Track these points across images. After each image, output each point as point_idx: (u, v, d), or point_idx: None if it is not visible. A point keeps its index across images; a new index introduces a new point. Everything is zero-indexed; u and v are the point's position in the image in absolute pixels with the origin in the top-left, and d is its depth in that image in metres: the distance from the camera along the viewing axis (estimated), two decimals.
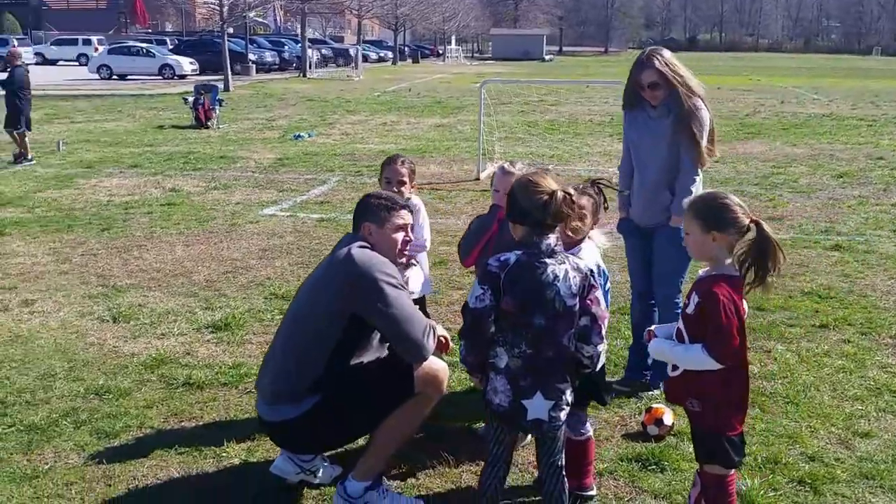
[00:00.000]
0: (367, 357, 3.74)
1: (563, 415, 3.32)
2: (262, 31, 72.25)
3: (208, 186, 12.64)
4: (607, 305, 3.92)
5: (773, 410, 5.00)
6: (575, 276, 3.23)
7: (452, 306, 6.83)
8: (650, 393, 5.21)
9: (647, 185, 5.10)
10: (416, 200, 4.88)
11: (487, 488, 3.42)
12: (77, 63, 51.95)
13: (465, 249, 4.40)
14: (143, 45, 46.22)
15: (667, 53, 4.95)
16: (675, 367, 3.36)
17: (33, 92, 15.33)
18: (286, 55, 52.71)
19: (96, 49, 49.53)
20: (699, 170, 4.95)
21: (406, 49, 77.34)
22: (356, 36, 68.27)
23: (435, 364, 3.68)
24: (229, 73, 34.41)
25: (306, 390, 3.60)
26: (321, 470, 3.98)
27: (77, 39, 56.20)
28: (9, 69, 14.78)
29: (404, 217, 3.84)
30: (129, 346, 5.91)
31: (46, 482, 4.00)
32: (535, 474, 3.85)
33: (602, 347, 3.34)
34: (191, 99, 21.70)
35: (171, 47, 49.08)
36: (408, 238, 3.88)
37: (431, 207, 10.26)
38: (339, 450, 4.13)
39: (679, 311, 5.08)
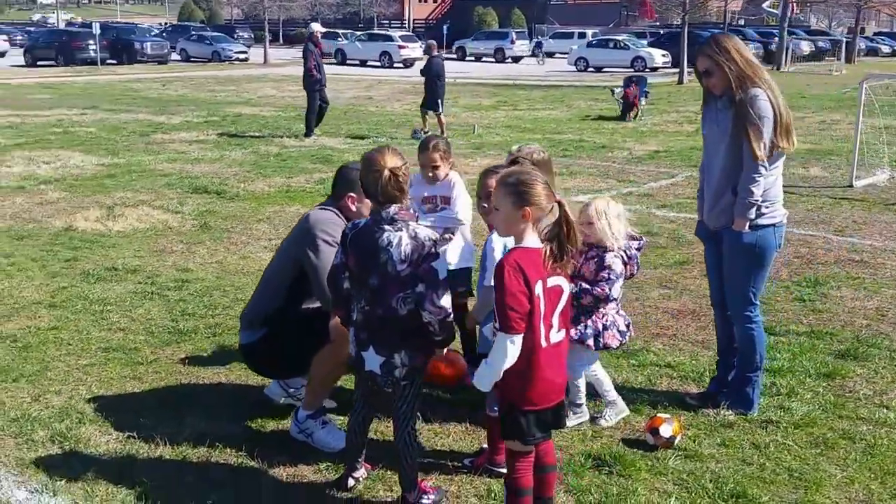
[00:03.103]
0: (314, 304, 4.35)
1: (397, 373, 3.61)
2: (773, 21, 69.71)
3: (557, 172, 13.39)
4: None
5: (833, 454, 4.41)
6: (408, 245, 3.50)
7: None
8: (712, 410, 4.90)
9: (712, 183, 4.78)
10: (452, 175, 5.21)
11: (349, 430, 3.88)
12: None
13: None
14: (621, 38, 48.10)
15: (727, 40, 4.58)
16: None
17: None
18: (772, 47, 50.46)
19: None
20: (761, 166, 4.51)
21: None
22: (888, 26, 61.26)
23: None
24: (685, 66, 34.47)
25: (260, 322, 4.38)
26: None
27: (573, 33, 60.00)
28: (428, 59, 17.28)
29: None
30: None
31: (141, 369, 5.30)
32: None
33: (438, 317, 3.52)
34: (618, 91, 22.58)
35: (650, 40, 50.19)
36: None
37: None
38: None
39: (752, 323, 4.77)
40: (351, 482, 3.93)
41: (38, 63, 40.77)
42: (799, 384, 5.26)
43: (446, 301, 3.54)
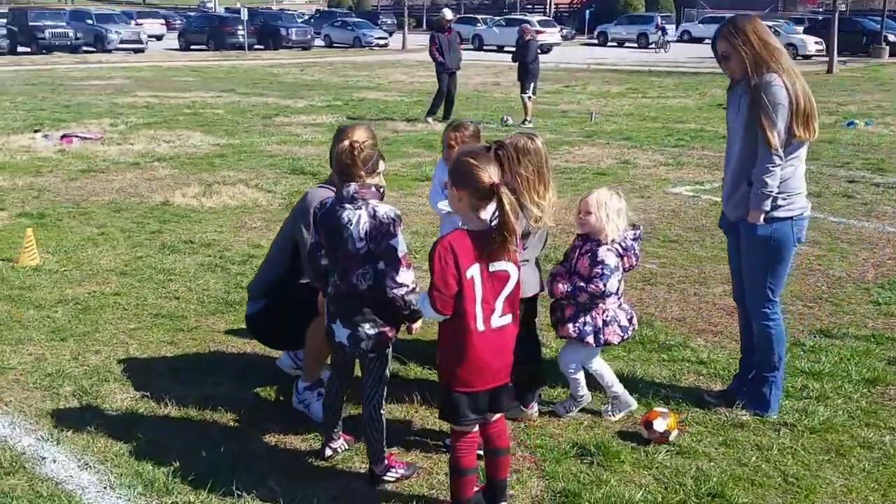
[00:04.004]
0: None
1: (363, 345, 3.72)
2: None
3: (662, 162, 13.08)
4: None
5: (842, 462, 4.21)
6: (366, 223, 3.61)
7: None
8: (726, 409, 4.75)
9: (730, 171, 4.65)
10: None
11: (325, 398, 4.05)
12: None
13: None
14: (771, 24, 46.03)
15: (746, 22, 4.41)
16: None
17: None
18: None
19: None
20: (775, 155, 4.32)
21: None
22: None
23: None
24: (836, 54, 32.76)
25: (262, 294, 4.59)
26: None
27: (724, 18, 57.55)
28: (521, 42, 17.23)
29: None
30: None
31: (180, 335, 5.63)
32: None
33: (400, 292, 3.61)
34: None
35: (807, 26, 47.79)
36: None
37: None
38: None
39: (770, 321, 4.60)
40: (328, 452, 4.08)
41: (191, 47, 43.07)
42: (834, 388, 5.03)
43: (407, 277, 3.62)
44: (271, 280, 4.58)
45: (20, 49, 37.27)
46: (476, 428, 3.48)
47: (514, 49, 18.15)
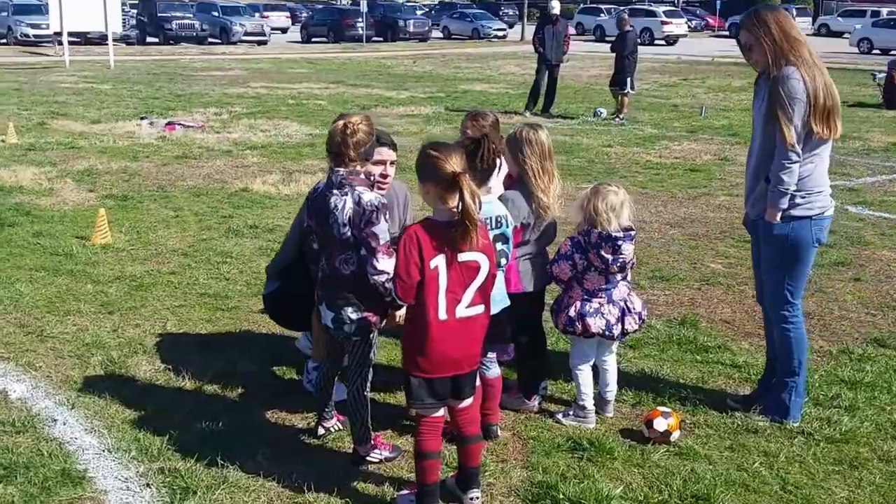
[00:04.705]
0: None
1: (346, 328, 3.78)
2: None
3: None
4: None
5: (852, 475, 4.04)
6: (350, 209, 3.66)
7: None
8: (743, 414, 4.59)
9: (751, 168, 4.48)
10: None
11: (317, 382, 4.15)
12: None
13: None
14: None
15: (768, 12, 4.25)
16: None
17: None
18: None
19: None
20: (791, 152, 4.14)
21: None
22: None
23: None
24: None
25: (276, 275, 4.74)
26: None
27: (865, 11, 54.81)
28: (619, 33, 16.87)
29: (382, 154, 4.48)
30: None
31: (219, 314, 5.86)
32: None
33: (381, 279, 3.61)
34: (880, 75, 20.62)
35: None
36: (384, 172, 4.53)
37: None
38: None
39: (789, 324, 4.42)
40: (321, 431, 4.19)
41: (312, 40, 44.12)
42: (868, 399, 4.78)
43: (388, 264, 3.64)
44: (284, 262, 4.72)
45: (149, 39, 39.20)
46: (441, 412, 3.49)
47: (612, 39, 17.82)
